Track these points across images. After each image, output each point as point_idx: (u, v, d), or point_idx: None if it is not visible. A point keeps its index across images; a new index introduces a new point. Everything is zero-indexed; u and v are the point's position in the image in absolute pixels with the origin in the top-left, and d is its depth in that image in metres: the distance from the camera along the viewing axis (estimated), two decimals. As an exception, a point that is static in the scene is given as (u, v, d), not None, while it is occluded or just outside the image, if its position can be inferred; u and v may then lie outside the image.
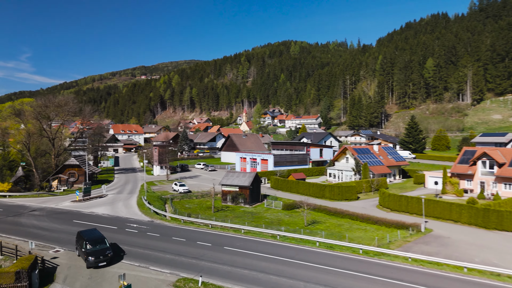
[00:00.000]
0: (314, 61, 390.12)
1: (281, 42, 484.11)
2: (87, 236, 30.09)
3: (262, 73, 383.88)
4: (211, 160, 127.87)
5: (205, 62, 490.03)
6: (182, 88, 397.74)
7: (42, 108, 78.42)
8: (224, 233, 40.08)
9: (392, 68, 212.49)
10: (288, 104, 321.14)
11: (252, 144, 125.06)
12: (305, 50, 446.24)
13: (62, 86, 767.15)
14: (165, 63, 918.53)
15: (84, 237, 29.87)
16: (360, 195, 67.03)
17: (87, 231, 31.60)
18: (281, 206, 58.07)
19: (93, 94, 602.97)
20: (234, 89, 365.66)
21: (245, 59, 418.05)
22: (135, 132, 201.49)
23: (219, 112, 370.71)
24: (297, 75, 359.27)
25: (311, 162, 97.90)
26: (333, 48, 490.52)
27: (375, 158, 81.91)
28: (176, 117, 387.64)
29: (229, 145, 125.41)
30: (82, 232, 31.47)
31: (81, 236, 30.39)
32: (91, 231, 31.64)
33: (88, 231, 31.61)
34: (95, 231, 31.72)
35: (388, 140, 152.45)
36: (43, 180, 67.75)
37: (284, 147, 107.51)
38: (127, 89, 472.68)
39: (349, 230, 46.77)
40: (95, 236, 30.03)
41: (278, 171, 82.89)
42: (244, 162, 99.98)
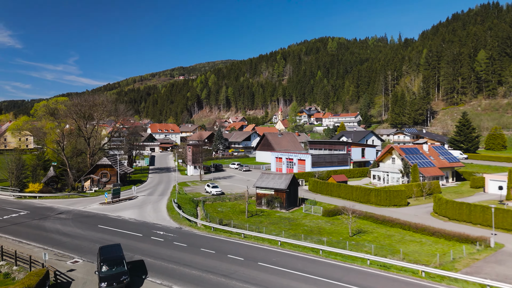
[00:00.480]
0: (352, 57, 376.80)
1: (317, 38, 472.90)
2: (105, 255, 26.21)
3: (298, 71, 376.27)
4: (245, 160, 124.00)
5: (241, 61, 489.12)
6: (218, 88, 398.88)
7: (77, 107, 77.91)
8: (258, 245, 35.40)
9: (438, 62, 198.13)
10: (325, 102, 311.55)
11: (288, 143, 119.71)
12: (343, 46, 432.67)
13: (105, 88, 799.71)
14: (202, 64, 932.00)
15: (101, 256, 26.08)
16: (410, 201, 59.89)
17: (108, 248, 27.67)
18: (321, 211, 52.59)
19: (133, 94, 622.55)
20: (269, 87, 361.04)
21: (281, 57, 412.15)
22: (172, 131, 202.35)
23: (254, 111, 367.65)
24: (334, 72, 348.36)
25: (352, 163, 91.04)
26: (373, 44, 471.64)
27: (425, 158, 73.90)
28: (212, 116, 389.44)
29: (264, 144, 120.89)
30: (102, 248, 27.70)
31: (100, 253, 26.68)
32: (112, 249, 27.64)
33: (109, 248, 27.67)
34: (116, 249, 27.64)
35: (435, 138, 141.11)
36: (76, 180, 66.71)
37: (323, 147, 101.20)
38: (166, 89, 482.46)
39: (402, 243, 40.53)
40: (113, 257, 25.98)
41: (316, 173, 77.12)
42: (280, 162, 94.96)
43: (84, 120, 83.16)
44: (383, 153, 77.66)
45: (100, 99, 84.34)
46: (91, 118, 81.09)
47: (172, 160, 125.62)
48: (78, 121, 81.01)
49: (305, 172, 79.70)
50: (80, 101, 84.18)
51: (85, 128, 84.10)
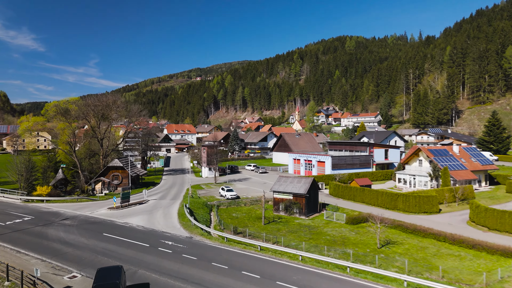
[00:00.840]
0: (371, 56, 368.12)
1: (335, 38, 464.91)
2: (99, 281, 22.11)
3: (315, 70, 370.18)
4: (262, 161, 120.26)
5: (257, 62, 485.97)
6: (235, 88, 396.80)
7: (90, 107, 75.94)
8: (276, 259, 31.55)
9: (463, 59, 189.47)
10: (343, 101, 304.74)
11: (306, 144, 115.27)
12: (361, 45, 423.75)
13: (124, 89, 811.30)
14: (219, 65, 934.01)
15: (96, 282, 22.09)
16: (442, 207, 54.82)
17: (105, 272, 23.44)
18: (344, 219, 48.30)
19: (151, 95, 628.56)
20: (286, 87, 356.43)
21: (297, 56, 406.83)
22: (188, 132, 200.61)
23: (271, 111, 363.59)
24: (353, 71, 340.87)
25: (374, 165, 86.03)
26: (392, 42, 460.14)
27: (456, 161, 68.39)
28: (229, 116, 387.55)
29: (281, 145, 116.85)
30: (99, 272, 23.28)
31: (95, 278, 22.57)
32: (110, 273, 23.34)
33: (106, 272, 23.39)
34: (114, 274, 23.01)
35: (462, 139, 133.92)
36: (88, 182, 64.43)
37: (343, 148, 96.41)
38: (183, 90, 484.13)
39: (438, 257, 35.95)
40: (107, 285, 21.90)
41: (337, 175, 72.64)
42: (298, 164, 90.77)
43: (97, 121, 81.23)
44: (409, 155, 72.49)
45: (112, 99, 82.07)
46: (104, 118, 78.97)
47: (187, 161, 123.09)
48: (90, 121, 79.10)
49: (325, 175, 75.29)
50: (93, 101, 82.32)
51: (98, 129, 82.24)
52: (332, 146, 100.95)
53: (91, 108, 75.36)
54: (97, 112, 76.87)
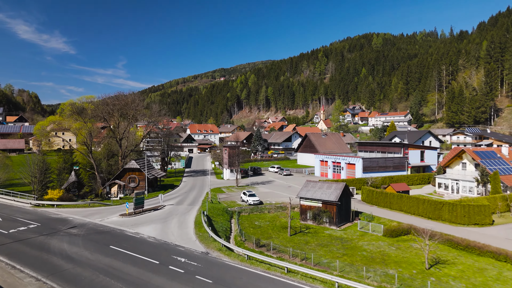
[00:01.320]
0: (399, 53, 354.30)
1: (361, 35, 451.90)
2: None
3: (341, 69, 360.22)
4: (286, 162, 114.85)
5: (281, 61, 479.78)
6: (258, 88, 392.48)
7: (108, 106, 73.16)
8: (307, 286, 26.30)
9: (502, 54, 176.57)
10: (370, 100, 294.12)
11: (333, 145, 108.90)
12: (388, 42, 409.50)
13: (150, 90, 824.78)
14: (243, 65, 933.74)
15: None
16: (494, 217, 47.82)
17: None
18: (381, 230, 42.37)
19: (176, 96, 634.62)
20: (310, 86, 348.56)
21: (322, 54, 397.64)
22: (211, 132, 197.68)
23: (295, 110, 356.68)
24: (380, 69, 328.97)
25: (409, 168, 78.93)
26: (421, 39, 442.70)
27: (506, 164, 60.68)
28: (252, 116, 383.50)
29: (306, 146, 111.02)
30: None
31: None
32: None
33: None
34: None
35: (503, 139, 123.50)
36: (103, 185, 61.25)
37: (374, 149, 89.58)
38: (206, 90, 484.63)
39: (502, 282, 29.65)
40: None
41: (369, 179, 66.41)
42: (325, 166, 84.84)
43: (116, 120, 78.44)
44: (450, 157, 65.20)
45: (131, 98, 78.99)
46: (123, 118, 75.99)
47: (209, 162, 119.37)
48: (109, 120, 76.36)
49: (355, 179, 69.10)
50: (112, 100, 79.66)
51: (117, 129, 79.45)
52: (361, 147, 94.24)
53: (109, 108, 72.50)
54: (115, 111, 73.94)
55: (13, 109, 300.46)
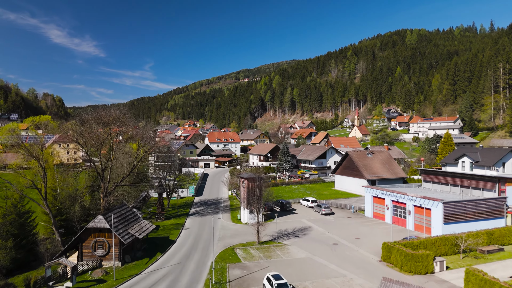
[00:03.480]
0: (436, 50, 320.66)
1: (393, 31, 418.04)
2: None
3: (372, 68, 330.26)
4: (321, 187, 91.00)
5: (307, 60, 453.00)
6: (283, 89, 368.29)
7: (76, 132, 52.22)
8: None
9: None
10: (406, 102, 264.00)
11: (382, 167, 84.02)
12: (424, 38, 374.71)
13: (175, 92, 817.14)
14: (267, 65, 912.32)
15: None
16: None
17: None
18: None
19: (199, 98, 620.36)
20: (339, 87, 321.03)
21: (352, 53, 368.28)
22: (232, 140, 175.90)
23: (323, 113, 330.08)
24: (416, 68, 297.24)
25: (510, 214, 53.38)
26: (459, 34, 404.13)
27: None
28: (276, 119, 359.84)
29: (347, 167, 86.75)
30: None
31: None
32: None
33: None
34: None
35: None
36: (51, 256, 40.04)
37: (446, 180, 64.18)
38: (229, 92, 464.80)
39: None
40: None
41: (460, 238, 41.79)
42: (381, 206, 60.49)
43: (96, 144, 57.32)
44: None
45: (114, 115, 57.57)
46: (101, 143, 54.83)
47: (225, 186, 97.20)
48: (84, 147, 55.41)
49: (437, 239, 44.09)
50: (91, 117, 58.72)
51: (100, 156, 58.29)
52: (427, 176, 68.90)
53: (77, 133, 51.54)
54: (90, 136, 52.87)
55: (33, 114, 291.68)
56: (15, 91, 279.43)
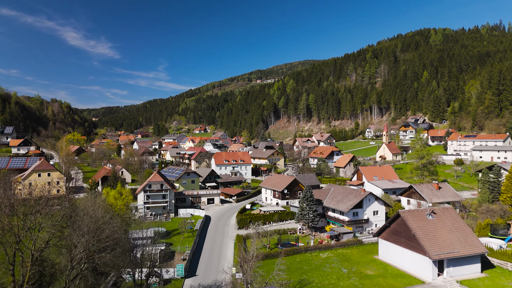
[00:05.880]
0: (466, 51, 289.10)
1: (415, 31, 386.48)
2: None
3: (395, 71, 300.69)
4: (360, 255, 65.35)
5: (323, 62, 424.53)
6: (298, 95, 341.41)
7: None
8: None
9: None
10: (435, 110, 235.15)
11: (452, 236, 57.88)
12: (450, 38, 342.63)
13: (187, 94, 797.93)
14: (280, 66, 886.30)
15: None
16: None
17: None
18: None
19: (211, 101, 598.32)
20: (359, 93, 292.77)
21: (371, 55, 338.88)
22: (242, 161, 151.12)
23: (341, 121, 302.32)
24: (445, 72, 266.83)
25: None
26: (487, 33, 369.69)
27: None
28: (290, 127, 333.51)
29: (398, 233, 60.93)
30: None
31: None
32: None
33: None
34: None
35: None
36: None
37: None
38: (241, 98, 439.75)
39: None
40: None
41: None
42: None
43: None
44: None
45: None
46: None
47: (231, 243, 72.33)
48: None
49: None
50: None
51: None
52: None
53: None
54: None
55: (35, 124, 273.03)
56: (15, 100, 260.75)
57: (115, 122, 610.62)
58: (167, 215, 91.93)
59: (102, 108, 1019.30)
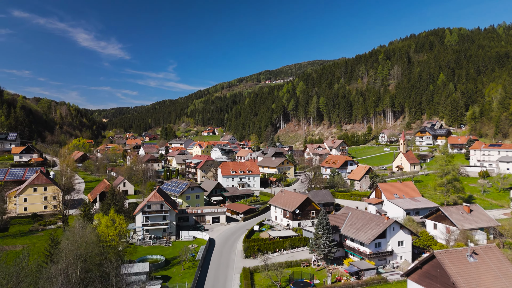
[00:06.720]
0: (483, 52, 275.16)
1: (429, 31, 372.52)
2: None
3: (409, 73, 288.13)
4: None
5: (333, 63, 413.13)
6: (308, 97, 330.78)
7: None
8: None
9: None
10: (453, 114, 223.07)
11: (498, 283, 47.94)
12: (466, 39, 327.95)
13: (195, 95, 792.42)
14: (289, 66, 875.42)
15: None
16: None
17: None
18: None
19: (220, 103, 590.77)
20: (372, 95, 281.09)
21: (384, 56, 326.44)
22: (250, 172, 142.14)
23: (353, 125, 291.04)
24: (462, 74, 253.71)
25: None
26: (504, 33, 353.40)
27: None
28: (300, 131, 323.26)
29: (433, 277, 51.22)
30: None
31: None
32: None
33: None
34: None
35: None
36: None
37: None
38: (249, 100, 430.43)
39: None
40: None
41: None
42: None
43: None
44: None
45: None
46: None
47: (237, 280, 63.34)
48: None
49: None
50: None
51: None
52: None
53: None
54: None
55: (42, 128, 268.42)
56: (21, 105, 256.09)
57: (125, 123, 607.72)
58: (167, 238, 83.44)
59: (112, 109, 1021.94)
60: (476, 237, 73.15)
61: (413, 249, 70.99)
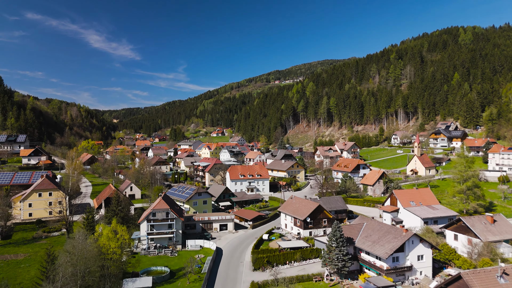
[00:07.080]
0: (499, 51, 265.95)
1: (442, 30, 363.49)
2: None
3: (422, 73, 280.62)
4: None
5: (343, 63, 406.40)
6: (318, 98, 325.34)
7: None
8: None
9: None
10: (468, 115, 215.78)
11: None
12: (481, 37, 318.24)
13: (205, 96, 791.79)
14: (298, 66, 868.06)
15: None
16: None
17: None
18: None
19: (229, 103, 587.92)
20: (383, 96, 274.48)
21: (395, 56, 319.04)
22: (259, 176, 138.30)
23: (364, 126, 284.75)
24: (478, 73, 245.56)
25: None
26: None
27: None
28: (310, 132, 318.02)
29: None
30: None
31: None
32: None
33: None
34: None
35: None
36: None
37: None
38: (259, 101, 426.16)
39: None
40: None
41: None
42: None
43: None
44: None
45: None
46: None
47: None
48: None
49: None
50: None
51: None
52: None
53: None
54: None
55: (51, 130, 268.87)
56: (31, 106, 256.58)
57: (135, 124, 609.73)
58: (173, 248, 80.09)
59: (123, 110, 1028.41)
60: (500, 250, 68.04)
61: (433, 263, 66.16)
